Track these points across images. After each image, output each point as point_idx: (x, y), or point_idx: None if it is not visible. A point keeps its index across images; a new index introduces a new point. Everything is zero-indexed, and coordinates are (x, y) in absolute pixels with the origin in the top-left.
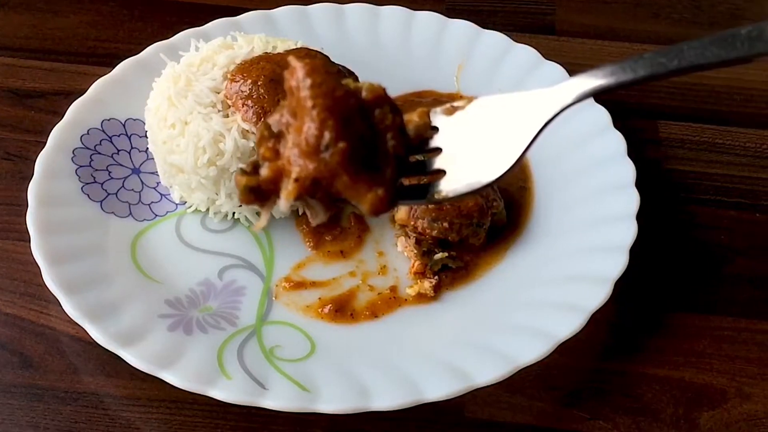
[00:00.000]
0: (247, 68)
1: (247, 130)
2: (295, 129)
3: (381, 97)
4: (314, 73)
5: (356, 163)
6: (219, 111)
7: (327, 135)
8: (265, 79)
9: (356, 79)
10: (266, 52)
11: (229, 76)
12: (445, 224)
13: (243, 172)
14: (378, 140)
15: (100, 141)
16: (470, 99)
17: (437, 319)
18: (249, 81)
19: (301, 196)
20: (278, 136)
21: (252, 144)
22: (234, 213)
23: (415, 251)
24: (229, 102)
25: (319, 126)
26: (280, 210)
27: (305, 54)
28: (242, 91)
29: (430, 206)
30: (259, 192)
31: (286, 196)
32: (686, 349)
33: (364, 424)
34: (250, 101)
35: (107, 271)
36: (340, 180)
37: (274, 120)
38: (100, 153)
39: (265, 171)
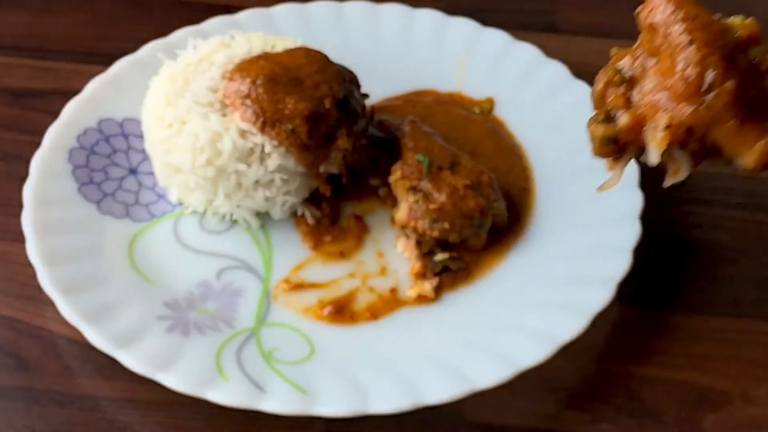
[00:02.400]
0: (246, 67)
1: (246, 130)
2: (658, 71)
3: (757, 34)
4: (685, 4)
5: (744, 106)
6: (217, 110)
7: (710, 73)
8: (264, 78)
9: (355, 77)
10: (265, 51)
11: (227, 75)
12: (446, 225)
13: (598, 121)
14: (761, 82)
15: (97, 141)
16: None
17: (438, 321)
18: (248, 80)
19: (672, 145)
20: (630, 82)
21: (250, 144)
22: (232, 214)
23: (416, 252)
24: (228, 101)
25: (699, 63)
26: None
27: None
28: (241, 91)
29: (430, 207)
30: (616, 143)
31: (657, 145)
32: (690, 350)
33: (363, 427)
34: (248, 101)
35: (104, 272)
36: (723, 127)
37: (624, 64)
38: (96, 153)
39: (624, 119)
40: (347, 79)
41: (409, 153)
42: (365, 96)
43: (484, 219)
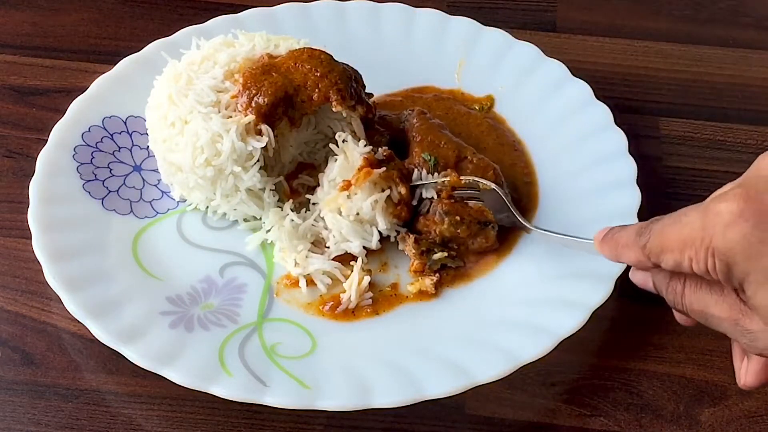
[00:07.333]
0: (259, 78)
1: (246, 133)
2: None
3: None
4: None
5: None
6: (219, 112)
7: None
8: (276, 98)
9: (359, 76)
10: (270, 54)
11: (241, 80)
12: (457, 217)
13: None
14: None
15: (102, 138)
16: None
17: (438, 316)
18: (265, 99)
19: None
20: None
21: (249, 148)
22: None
23: (414, 250)
24: (240, 107)
25: None
26: None
27: (309, 53)
28: (258, 104)
29: (443, 200)
30: None
31: None
32: (687, 345)
33: (365, 421)
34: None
35: (108, 268)
36: None
37: None
38: (101, 150)
39: None
40: (353, 77)
41: (416, 147)
42: (369, 95)
43: (489, 216)
